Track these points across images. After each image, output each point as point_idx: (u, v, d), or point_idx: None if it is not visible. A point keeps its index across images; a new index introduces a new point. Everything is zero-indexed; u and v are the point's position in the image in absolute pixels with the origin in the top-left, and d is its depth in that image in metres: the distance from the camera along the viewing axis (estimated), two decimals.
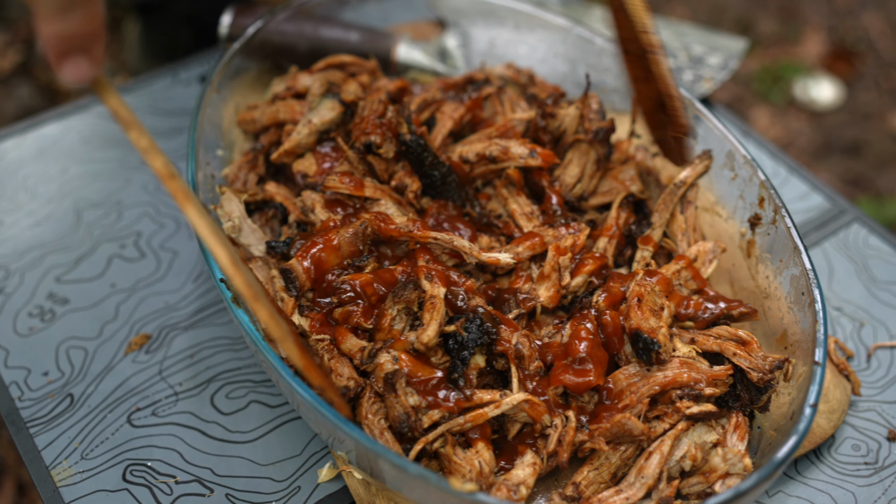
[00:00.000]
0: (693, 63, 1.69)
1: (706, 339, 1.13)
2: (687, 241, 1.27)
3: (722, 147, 1.30)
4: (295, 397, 1.01)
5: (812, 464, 1.19)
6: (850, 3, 3.62)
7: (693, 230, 1.28)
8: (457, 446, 1.05)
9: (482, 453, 1.05)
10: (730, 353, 1.10)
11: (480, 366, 1.09)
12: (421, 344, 1.06)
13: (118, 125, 0.87)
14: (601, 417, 1.07)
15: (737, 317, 1.18)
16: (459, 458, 1.04)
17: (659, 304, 1.14)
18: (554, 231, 1.22)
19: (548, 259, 1.19)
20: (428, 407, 1.05)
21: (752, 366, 1.08)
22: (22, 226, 1.43)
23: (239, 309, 1.06)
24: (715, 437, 1.06)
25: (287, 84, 1.40)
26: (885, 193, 2.95)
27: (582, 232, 1.22)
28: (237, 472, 1.16)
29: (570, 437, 1.06)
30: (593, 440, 1.05)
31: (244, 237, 1.21)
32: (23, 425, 1.19)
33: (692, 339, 1.14)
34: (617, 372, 1.11)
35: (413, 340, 1.07)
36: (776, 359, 1.09)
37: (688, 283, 1.20)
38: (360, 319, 1.11)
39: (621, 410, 1.07)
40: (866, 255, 1.44)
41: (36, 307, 1.33)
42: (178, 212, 1.46)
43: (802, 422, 0.97)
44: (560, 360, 1.10)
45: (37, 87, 2.70)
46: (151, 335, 1.30)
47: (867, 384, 1.28)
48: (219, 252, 0.88)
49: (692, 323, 1.17)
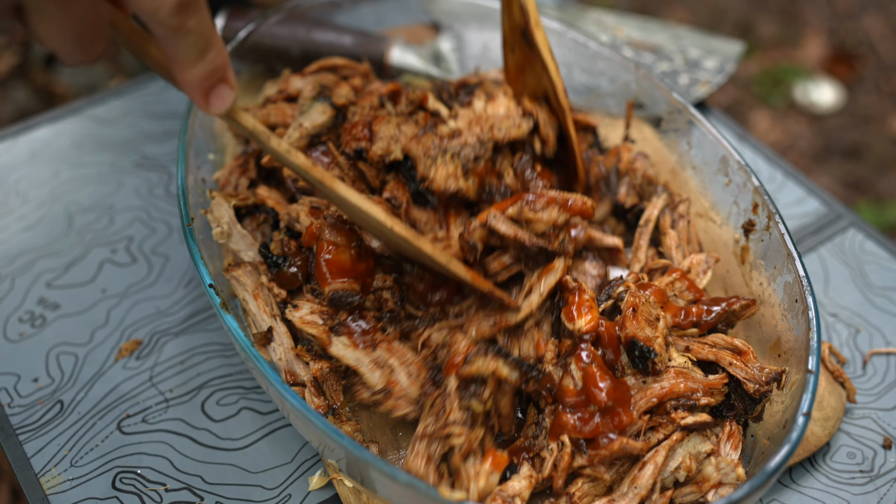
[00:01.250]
0: (689, 66, 1.68)
1: (701, 348, 1.12)
2: (682, 254, 1.26)
3: (716, 152, 1.29)
4: (284, 405, 1.01)
5: (807, 471, 1.18)
6: (851, 6, 3.62)
7: (687, 242, 1.27)
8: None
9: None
10: (726, 363, 1.09)
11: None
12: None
13: (256, 139, 0.94)
14: (598, 440, 1.05)
15: (739, 311, 1.16)
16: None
17: (654, 314, 1.12)
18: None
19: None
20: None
21: (749, 377, 1.07)
22: (13, 230, 1.42)
23: (227, 315, 1.05)
24: (709, 446, 1.05)
25: (279, 87, 1.39)
26: (885, 197, 2.94)
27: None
28: (228, 479, 1.15)
29: (566, 463, 1.04)
30: (594, 468, 1.04)
31: (234, 242, 1.21)
32: (12, 432, 1.18)
33: (687, 348, 1.12)
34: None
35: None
36: (773, 370, 1.08)
37: (683, 293, 1.19)
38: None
39: (618, 427, 1.05)
40: (862, 261, 1.43)
41: (26, 312, 1.32)
42: (170, 216, 1.45)
43: (795, 431, 0.96)
44: (583, 407, 1.07)
45: (33, 89, 2.69)
46: (142, 341, 1.29)
47: (862, 391, 1.27)
48: (375, 211, 1.02)
49: (696, 329, 1.15)
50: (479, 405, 1.04)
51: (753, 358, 1.10)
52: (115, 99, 1.65)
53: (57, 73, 2.76)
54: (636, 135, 1.42)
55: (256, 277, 1.18)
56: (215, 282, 1.09)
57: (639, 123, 1.42)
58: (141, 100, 1.64)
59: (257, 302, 1.17)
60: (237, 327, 1.04)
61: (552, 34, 1.49)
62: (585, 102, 1.50)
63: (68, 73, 2.75)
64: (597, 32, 1.73)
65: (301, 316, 1.14)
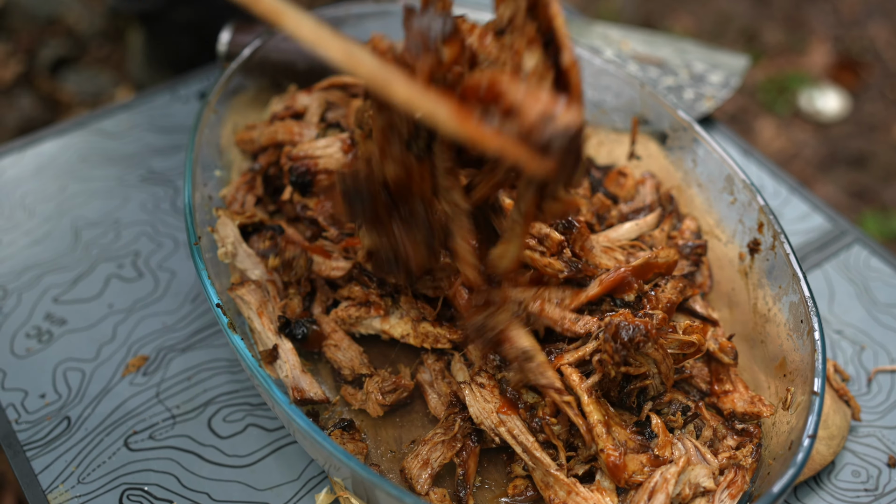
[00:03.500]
0: (694, 81, 1.69)
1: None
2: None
3: (721, 170, 1.29)
4: (291, 424, 1.01)
5: (812, 490, 1.18)
6: (856, 13, 3.61)
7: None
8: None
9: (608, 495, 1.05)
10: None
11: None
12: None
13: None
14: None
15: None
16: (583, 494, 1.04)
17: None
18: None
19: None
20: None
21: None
22: (20, 245, 1.43)
23: (235, 335, 1.05)
24: (710, 484, 1.04)
25: (286, 104, 1.40)
26: (890, 206, 2.94)
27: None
28: (234, 496, 1.15)
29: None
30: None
31: (239, 262, 1.21)
32: (20, 448, 1.19)
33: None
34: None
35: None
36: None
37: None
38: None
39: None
40: (867, 277, 1.43)
41: (33, 328, 1.32)
42: (176, 231, 1.46)
43: (801, 453, 0.96)
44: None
45: (38, 97, 2.70)
46: (149, 357, 1.29)
47: (867, 409, 1.27)
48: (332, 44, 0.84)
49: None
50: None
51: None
52: (121, 112, 1.65)
53: (62, 81, 2.77)
54: (642, 151, 1.42)
55: (260, 295, 1.19)
56: (221, 300, 1.09)
57: (644, 139, 1.42)
58: (147, 113, 1.65)
59: (262, 320, 1.18)
60: (244, 347, 1.04)
61: None
62: (591, 118, 1.50)
63: (73, 82, 2.76)
64: (602, 46, 1.73)
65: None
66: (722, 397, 1.12)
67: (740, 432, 1.11)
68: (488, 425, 1.07)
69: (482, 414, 1.08)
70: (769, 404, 1.11)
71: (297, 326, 1.18)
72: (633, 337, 1.03)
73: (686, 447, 1.06)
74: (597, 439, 1.02)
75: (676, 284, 1.15)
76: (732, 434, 1.11)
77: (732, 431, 1.11)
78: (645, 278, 1.14)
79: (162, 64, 2.49)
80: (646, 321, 1.04)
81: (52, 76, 2.78)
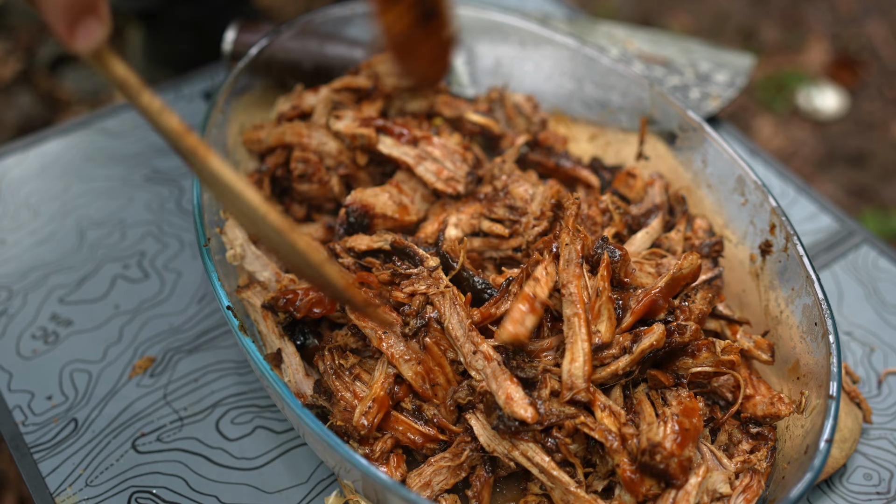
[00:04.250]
0: (700, 80, 1.68)
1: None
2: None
3: (732, 171, 1.28)
4: (301, 426, 1.00)
5: (824, 493, 1.18)
6: (854, 11, 3.61)
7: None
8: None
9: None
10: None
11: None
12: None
13: (126, 92, 0.83)
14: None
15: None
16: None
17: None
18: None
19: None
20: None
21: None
22: (24, 245, 1.42)
23: (246, 338, 1.05)
24: (727, 489, 1.03)
25: (293, 103, 1.39)
26: (889, 205, 2.94)
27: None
28: (243, 499, 1.14)
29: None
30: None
31: (248, 264, 1.20)
32: (27, 451, 1.18)
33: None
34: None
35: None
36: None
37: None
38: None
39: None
40: (876, 278, 1.43)
41: (39, 329, 1.31)
42: (182, 231, 1.45)
43: (818, 458, 0.95)
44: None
45: (38, 95, 2.68)
46: (156, 358, 1.29)
47: (878, 411, 1.26)
48: (249, 193, 0.87)
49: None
50: None
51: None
52: (124, 111, 1.64)
53: (61, 78, 2.75)
54: (650, 151, 1.41)
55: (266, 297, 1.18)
56: (230, 301, 1.08)
57: (652, 140, 1.42)
58: None
59: (266, 322, 1.17)
60: (255, 350, 1.03)
61: (566, 50, 1.48)
62: (598, 118, 1.50)
63: (72, 80, 2.75)
64: (607, 45, 1.72)
65: (346, 124, 1.30)
66: (744, 403, 1.12)
67: (755, 436, 1.10)
68: (501, 451, 1.06)
69: (493, 441, 1.06)
70: (789, 401, 1.10)
71: (299, 333, 1.17)
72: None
73: (702, 452, 1.06)
74: (612, 454, 1.01)
75: (706, 295, 1.15)
76: (747, 438, 1.10)
77: (747, 435, 1.11)
78: (674, 293, 1.13)
79: (161, 62, 2.48)
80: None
81: (52, 74, 2.76)
